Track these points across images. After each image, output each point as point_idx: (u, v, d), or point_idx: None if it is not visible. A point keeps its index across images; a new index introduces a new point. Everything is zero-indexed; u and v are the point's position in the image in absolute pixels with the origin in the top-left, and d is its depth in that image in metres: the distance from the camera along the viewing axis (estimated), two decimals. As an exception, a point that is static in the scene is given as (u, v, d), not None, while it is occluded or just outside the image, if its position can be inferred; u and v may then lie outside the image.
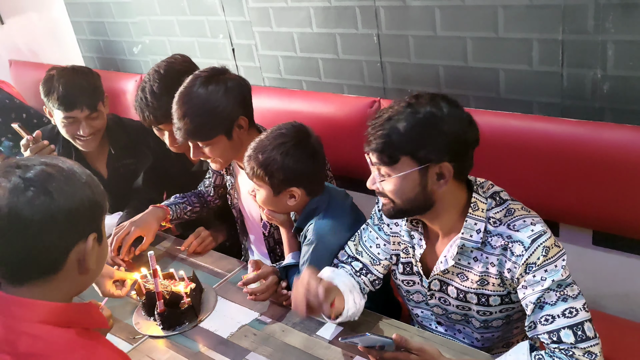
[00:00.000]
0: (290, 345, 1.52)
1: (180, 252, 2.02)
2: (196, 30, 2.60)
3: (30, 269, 0.96)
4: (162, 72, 2.01)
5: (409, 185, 1.33)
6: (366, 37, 2.05)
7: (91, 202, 0.99)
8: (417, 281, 1.54)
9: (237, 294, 1.75)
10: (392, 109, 1.32)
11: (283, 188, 1.63)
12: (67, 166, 0.99)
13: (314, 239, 1.62)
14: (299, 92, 2.36)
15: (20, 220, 0.91)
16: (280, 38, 2.30)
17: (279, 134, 1.63)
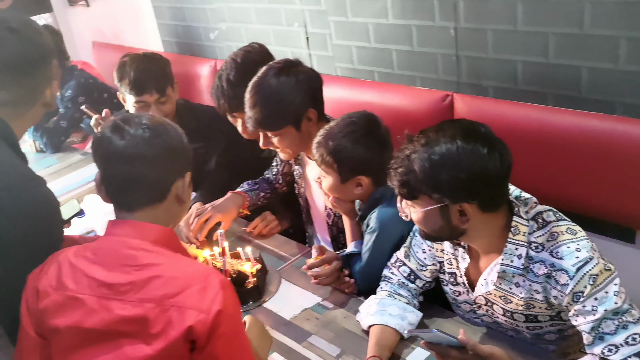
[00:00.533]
0: (351, 331, 1.54)
1: (247, 233, 2.07)
2: (272, 18, 2.64)
3: (144, 195, 1.19)
4: (239, 61, 2.06)
5: (431, 219, 1.33)
6: (443, 29, 2.03)
7: (186, 147, 1.25)
8: (462, 291, 1.51)
9: (301, 278, 1.78)
10: (413, 144, 1.30)
11: (351, 176, 1.64)
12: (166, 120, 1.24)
13: (376, 227, 1.63)
14: (370, 82, 2.36)
15: (141, 154, 1.16)
16: (355, 28, 2.31)
17: (349, 122, 1.64)
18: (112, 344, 1.10)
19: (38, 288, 1.17)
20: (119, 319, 1.10)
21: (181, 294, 1.09)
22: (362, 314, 1.52)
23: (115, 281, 1.12)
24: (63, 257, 1.19)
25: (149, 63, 2.21)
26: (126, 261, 1.13)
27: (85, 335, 1.12)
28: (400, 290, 1.55)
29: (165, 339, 1.08)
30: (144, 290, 1.10)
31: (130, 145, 1.16)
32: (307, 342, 1.52)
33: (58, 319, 1.14)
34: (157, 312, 1.08)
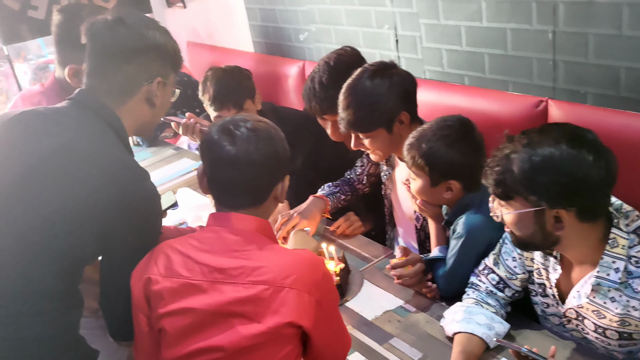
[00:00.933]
0: (433, 336, 1.53)
1: (330, 232, 2.10)
2: (362, 20, 2.65)
3: (247, 198, 1.27)
4: (331, 64, 2.08)
5: (524, 223, 1.29)
6: (540, 33, 1.96)
7: (287, 150, 1.33)
8: (551, 304, 1.45)
9: (383, 280, 1.78)
10: (513, 144, 1.26)
11: (442, 180, 1.63)
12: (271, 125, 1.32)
13: (463, 232, 1.60)
14: (460, 86, 2.32)
15: (251, 160, 1.24)
16: (447, 31, 2.28)
17: (444, 125, 1.63)
18: (225, 324, 1.18)
19: (150, 277, 1.25)
20: (232, 300, 1.18)
21: (292, 275, 1.18)
22: (447, 320, 1.50)
23: (227, 266, 1.20)
24: (169, 248, 1.27)
25: (228, 78, 2.28)
26: (233, 247, 1.22)
27: (198, 318, 1.20)
28: (488, 298, 1.52)
29: (280, 318, 1.16)
30: (255, 273, 1.18)
31: (241, 152, 1.23)
32: (389, 343, 1.53)
33: (172, 304, 1.22)
34: (271, 292, 1.17)
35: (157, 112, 1.49)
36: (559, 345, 1.42)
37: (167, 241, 1.30)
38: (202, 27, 3.90)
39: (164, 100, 1.49)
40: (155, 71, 1.43)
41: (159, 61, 1.44)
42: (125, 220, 1.31)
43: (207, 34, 3.87)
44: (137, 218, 1.33)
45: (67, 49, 1.77)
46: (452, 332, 1.47)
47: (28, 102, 1.84)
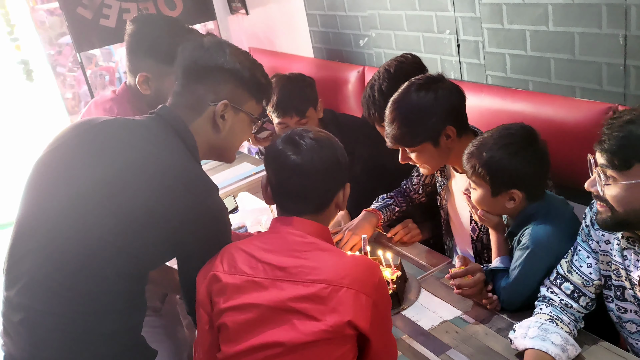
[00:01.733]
0: (492, 349, 1.50)
1: (388, 239, 2.08)
2: (423, 25, 2.63)
3: (310, 205, 1.33)
4: (392, 71, 2.07)
5: (636, 195, 1.22)
6: (610, 37, 1.88)
7: (347, 158, 1.39)
8: (630, 309, 1.39)
9: (441, 289, 1.76)
10: (636, 111, 1.22)
11: (504, 189, 1.59)
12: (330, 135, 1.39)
13: (529, 244, 1.55)
14: (524, 92, 2.25)
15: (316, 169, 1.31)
16: (511, 35, 2.22)
17: (506, 133, 1.59)
18: (284, 320, 1.22)
19: (215, 274, 1.30)
20: (292, 297, 1.21)
21: (350, 276, 1.21)
22: (519, 334, 1.45)
23: (287, 264, 1.24)
24: (234, 248, 1.33)
25: (292, 86, 2.28)
26: (294, 247, 1.28)
27: (259, 313, 1.24)
28: (562, 315, 1.46)
29: (338, 317, 1.18)
30: (314, 272, 1.22)
31: (305, 160, 1.30)
32: (446, 355, 1.50)
33: (234, 300, 1.27)
34: (330, 291, 1.20)
35: (226, 137, 1.48)
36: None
37: (233, 242, 1.36)
38: (264, 33, 3.97)
39: (235, 126, 1.48)
40: (223, 94, 1.44)
41: (229, 85, 1.45)
42: (198, 230, 1.36)
43: (268, 40, 3.94)
44: (209, 228, 1.39)
45: (138, 57, 1.84)
46: (523, 347, 1.42)
47: (100, 108, 1.92)
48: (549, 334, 1.40)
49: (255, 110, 1.54)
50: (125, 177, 1.33)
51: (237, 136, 1.52)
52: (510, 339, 1.47)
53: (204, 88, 1.44)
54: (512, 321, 1.56)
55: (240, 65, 1.46)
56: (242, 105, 1.48)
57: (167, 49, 1.74)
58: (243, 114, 1.49)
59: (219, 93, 1.44)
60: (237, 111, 1.48)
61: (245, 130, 1.54)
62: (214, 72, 1.44)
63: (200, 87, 1.44)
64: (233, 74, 1.45)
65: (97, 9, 3.86)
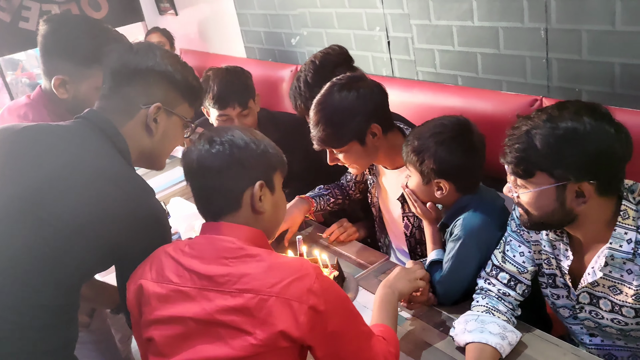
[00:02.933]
0: (430, 344, 1.49)
1: (324, 239, 2.06)
2: (353, 22, 2.62)
3: (219, 206, 1.26)
4: (317, 62, 2.06)
5: (545, 200, 1.27)
6: (532, 31, 1.93)
7: (262, 161, 1.29)
8: (562, 295, 1.44)
9: (377, 286, 1.74)
10: (533, 121, 1.26)
11: (432, 177, 1.61)
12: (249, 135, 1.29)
13: (461, 234, 1.57)
14: (453, 87, 2.29)
15: (204, 166, 1.23)
16: (438, 31, 2.25)
17: (439, 123, 1.62)
18: (214, 335, 1.14)
19: (141, 283, 1.23)
20: (219, 308, 1.14)
21: (279, 284, 1.13)
22: (458, 330, 1.45)
23: (214, 273, 1.17)
24: (163, 253, 1.25)
25: (232, 77, 2.23)
26: (223, 254, 1.19)
27: (187, 327, 1.16)
28: (498, 305, 1.48)
29: (269, 329, 1.11)
30: (242, 281, 1.14)
31: (198, 159, 1.24)
32: (385, 353, 1.49)
33: (160, 311, 1.19)
34: (257, 301, 1.12)
35: (158, 141, 1.44)
36: (560, 351, 1.40)
37: (163, 246, 1.28)
38: (195, 33, 3.88)
39: (169, 130, 1.45)
40: (155, 97, 1.41)
41: (162, 87, 1.42)
42: (137, 234, 1.30)
43: (199, 41, 3.85)
44: (149, 232, 1.32)
45: (53, 59, 1.73)
46: (464, 342, 1.42)
47: (14, 115, 1.80)
48: (486, 324, 1.41)
49: (188, 113, 1.50)
50: (55, 184, 1.26)
51: (169, 140, 1.48)
52: (452, 337, 1.47)
53: (134, 91, 1.40)
54: (449, 315, 1.57)
55: (172, 67, 1.43)
56: (174, 108, 1.44)
57: (86, 51, 1.67)
58: (176, 118, 1.45)
59: (150, 96, 1.41)
60: (170, 114, 1.43)
61: (178, 135, 1.49)
62: (144, 74, 1.40)
63: (131, 89, 1.40)
64: (165, 76, 1.42)
65: (15, 12, 3.67)
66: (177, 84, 1.43)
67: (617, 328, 1.36)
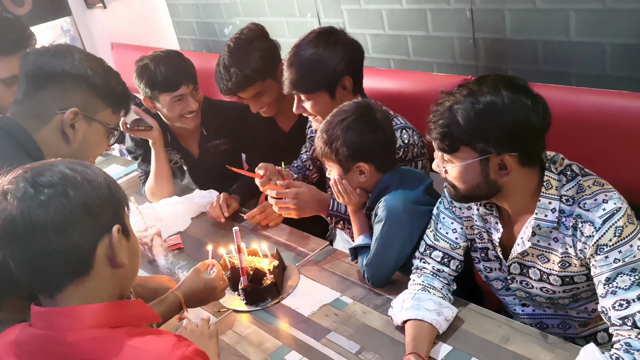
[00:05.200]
0: (370, 326, 1.50)
1: (265, 229, 2.04)
2: (285, 9, 2.60)
3: (62, 273, 0.95)
4: (231, 45, 2.11)
5: (470, 173, 1.31)
6: (458, 12, 1.96)
7: (109, 199, 0.98)
8: (495, 267, 1.49)
9: (320, 274, 1.75)
10: (454, 96, 1.30)
11: (351, 164, 1.62)
12: (80, 167, 0.97)
13: (384, 216, 1.58)
14: (386, 71, 2.30)
15: (35, 224, 0.90)
16: (369, 16, 2.25)
17: (342, 111, 1.64)
18: None
19: None
20: None
21: None
22: (396, 309, 1.47)
23: None
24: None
25: (174, 58, 2.18)
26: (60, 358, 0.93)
27: None
28: (433, 282, 1.50)
29: None
30: None
31: (24, 216, 0.90)
32: (326, 338, 1.49)
33: None
34: None
35: (78, 148, 1.37)
36: (494, 323, 1.43)
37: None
38: (125, 27, 3.76)
39: (89, 137, 1.38)
40: (73, 102, 1.35)
41: (80, 92, 1.36)
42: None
43: (131, 35, 3.74)
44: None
45: None
46: (401, 320, 1.44)
47: None
48: (422, 302, 1.43)
49: (112, 120, 1.44)
50: None
51: (90, 148, 1.42)
52: (390, 316, 1.48)
53: (49, 95, 1.34)
54: (388, 296, 1.58)
55: (92, 71, 1.37)
56: (95, 114, 1.39)
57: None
58: (97, 124, 1.40)
59: (67, 100, 1.34)
60: (90, 120, 1.38)
61: (101, 142, 1.44)
62: (60, 78, 1.34)
63: (46, 94, 1.34)
64: (83, 80, 1.36)
65: None
66: (97, 89, 1.38)
67: (546, 297, 1.41)
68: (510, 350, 1.34)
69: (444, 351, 1.38)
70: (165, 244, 2.01)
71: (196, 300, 1.56)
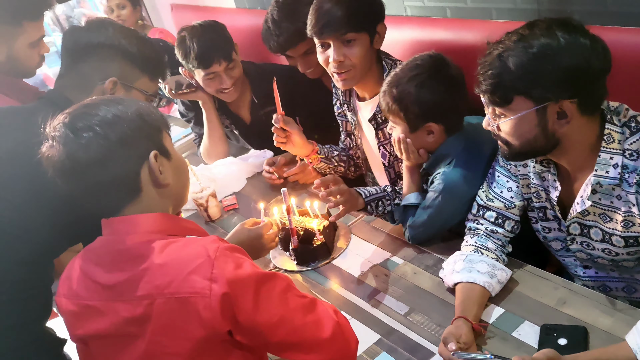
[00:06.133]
0: (420, 287, 1.48)
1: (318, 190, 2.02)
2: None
3: (117, 198, 1.09)
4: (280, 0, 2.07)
5: (526, 126, 1.21)
6: (518, -48, 1.81)
7: (142, 128, 1.08)
8: (553, 227, 1.40)
9: (371, 234, 1.73)
10: (503, 43, 1.20)
11: (420, 124, 1.54)
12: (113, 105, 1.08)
13: (441, 188, 1.53)
14: (442, 20, 2.18)
15: (81, 163, 1.03)
16: (423, -38, 2.13)
17: (414, 65, 1.54)
18: (133, 347, 1.06)
19: (56, 300, 1.16)
20: (125, 320, 1.05)
21: (175, 281, 1.01)
22: (447, 271, 1.43)
23: (116, 281, 1.06)
24: (75, 262, 1.15)
25: (209, 33, 2.16)
26: (122, 257, 1.07)
27: (106, 342, 1.10)
28: (487, 242, 1.45)
29: (183, 333, 1.02)
30: (140, 286, 1.03)
31: (69, 156, 1.04)
32: (375, 299, 1.48)
33: (79, 329, 1.13)
34: (156, 306, 1.01)
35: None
36: (551, 285, 1.37)
37: (77, 256, 1.16)
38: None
39: None
40: (111, 72, 1.41)
41: (116, 62, 1.42)
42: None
43: (183, -7, 3.75)
44: None
45: None
46: (452, 282, 1.40)
47: None
48: (474, 264, 1.38)
49: (150, 87, 1.49)
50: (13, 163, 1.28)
51: None
52: (441, 278, 1.45)
53: (89, 67, 1.41)
54: (439, 256, 1.55)
55: (126, 41, 1.43)
56: (133, 82, 1.45)
57: (11, 9, 1.64)
58: (136, 92, 1.45)
59: (106, 71, 1.41)
60: (129, 88, 1.44)
61: None
62: (97, 49, 1.41)
63: (85, 66, 1.42)
64: (119, 50, 1.42)
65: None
66: (132, 58, 1.44)
67: (609, 259, 1.32)
68: (566, 313, 1.29)
69: (496, 314, 1.34)
70: (221, 204, 2.05)
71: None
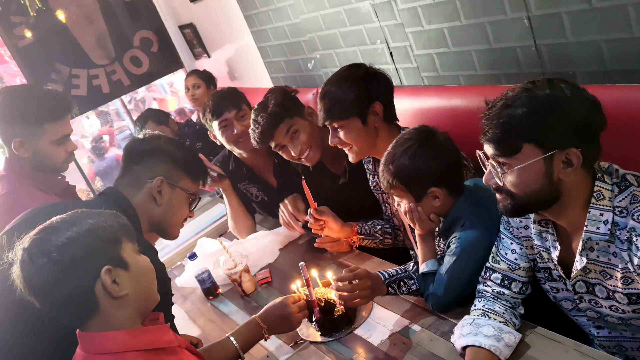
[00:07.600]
0: (435, 354, 1.51)
1: (341, 257, 2.10)
2: (356, 39, 2.67)
3: (75, 317, 1.16)
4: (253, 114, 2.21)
5: (533, 176, 1.23)
6: (516, 21, 1.90)
7: (93, 246, 1.13)
8: (560, 287, 1.42)
9: (393, 302, 1.77)
10: (507, 96, 1.24)
11: (423, 191, 1.62)
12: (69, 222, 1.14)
13: (458, 251, 1.58)
14: (456, 87, 2.27)
15: (35, 288, 1.11)
16: (432, 35, 2.25)
17: (403, 140, 1.64)
18: None
19: None
20: None
21: None
22: (456, 335, 1.47)
23: None
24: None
25: (225, 91, 2.52)
26: None
27: None
28: (494, 305, 1.47)
29: None
30: None
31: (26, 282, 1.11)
32: (392, 368, 1.52)
33: None
34: None
35: (164, 210, 1.66)
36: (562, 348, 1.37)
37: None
38: (227, 71, 4.06)
39: (173, 200, 1.66)
40: (159, 172, 1.65)
41: (164, 164, 1.66)
42: None
43: (231, 77, 4.03)
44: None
45: (10, 125, 1.96)
46: (460, 346, 1.43)
47: None
48: (480, 327, 1.41)
49: (191, 187, 1.71)
50: None
51: (174, 210, 1.69)
52: (452, 343, 1.48)
53: (141, 168, 1.66)
54: (455, 321, 1.57)
55: (174, 148, 1.69)
56: (177, 182, 1.67)
57: (34, 112, 1.94)
58: (179, 190, 1.68)
59: (155, 171, 1.65)
60: (173, 187, 1.67)
61: (183, 206, 1.71)
62: (149, 154, 1.66)
63: (139, 167, 1.66)
64: (167, 155, 1.67)
65: (66, 81, 4.01)
66: (177, 161, 1.67)
67: (617, 316, 1.32)
68: (576, 377, 1.28)
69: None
70: (255, 278, 2.15)
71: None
